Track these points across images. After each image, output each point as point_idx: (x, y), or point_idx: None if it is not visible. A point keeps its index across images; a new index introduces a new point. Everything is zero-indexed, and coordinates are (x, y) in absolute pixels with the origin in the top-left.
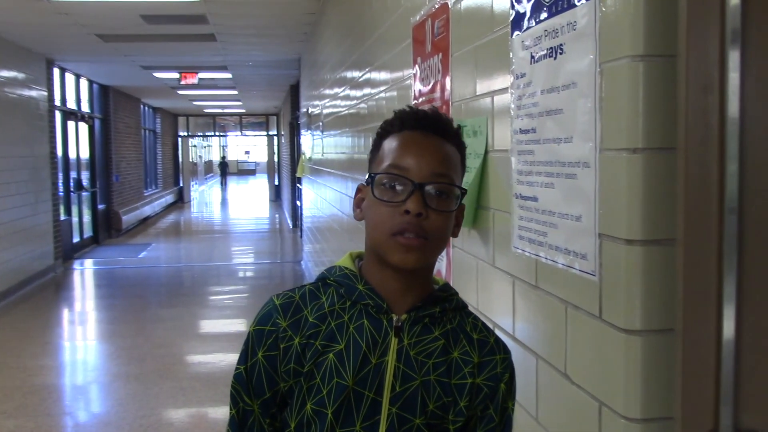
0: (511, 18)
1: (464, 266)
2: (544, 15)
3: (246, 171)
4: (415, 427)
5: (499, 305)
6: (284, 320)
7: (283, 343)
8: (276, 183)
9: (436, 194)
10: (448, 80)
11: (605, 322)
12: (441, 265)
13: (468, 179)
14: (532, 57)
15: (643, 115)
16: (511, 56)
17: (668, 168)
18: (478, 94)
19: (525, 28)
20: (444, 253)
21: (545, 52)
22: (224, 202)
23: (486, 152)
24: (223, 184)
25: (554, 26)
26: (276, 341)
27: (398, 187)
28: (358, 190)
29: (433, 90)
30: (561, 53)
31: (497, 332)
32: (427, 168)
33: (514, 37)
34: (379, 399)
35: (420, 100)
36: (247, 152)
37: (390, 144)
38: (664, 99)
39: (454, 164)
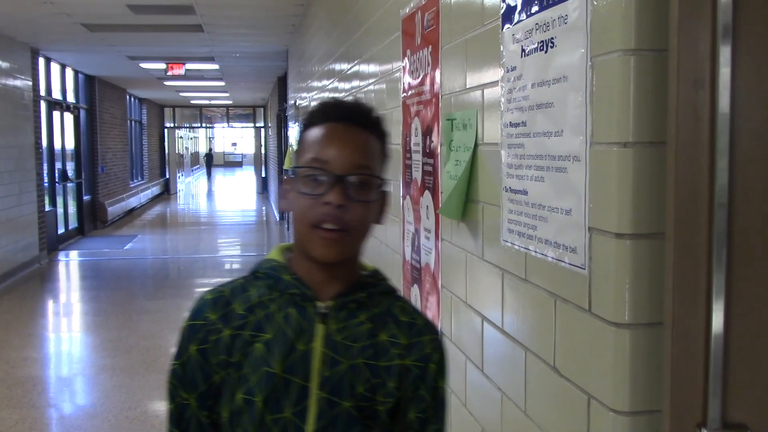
0: (502, 11)
1: (453, 259)
2: (535, 8)
3: (233, 163)
4: (345, 410)
5: (488, 298)
6: (213, 314)
7: (213, 336)
8: (263, 175)
9: (357, 185)
10: (437, 73)
11: (594, 315)
12: (430, 258)
13: (457, 172)
14: (523, 50)
15: (633, 109)
16: (501, 49)
17: (658, 162)
18: (468, 87)
19: (516, 21)
20: (432, 246)
21: (536, 45)
22: (210, 194)
23: (476, 145)
24: (209, 176)
25: (545, 19)
26: (206, 335)
27: (320, 180)
28: (285, 182)
29: (422, 83)
30: (552, 47)
31: (485, 325)
32: (348, 160)
33: (504, 30)
34: (308, 385)
35: (409, 92)
36: (233, 144)
37: (313, 136)
38: (654, 93)
39: (375, 154)
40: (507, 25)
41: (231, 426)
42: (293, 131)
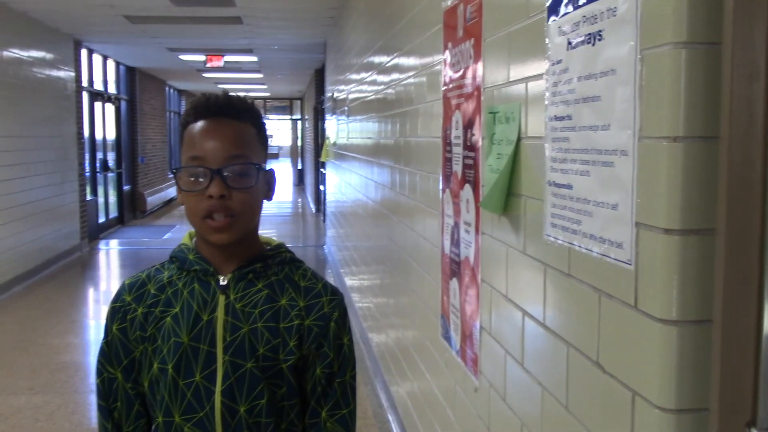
0: (548, 3)
1: (493, 253)
2: (582, 0)
3: (269, 155)
4: (248, 371)
5: (530, 293)
6: (129, 296)
7: (129, 315)
8: (299, 167)
9: (236, 174)
10: (480, 66)
11: (640, 311)
12: (469, 252)
13: (499, 166)
14: (569, 43)
15: (684, 103)
16: (546, 42)
17: (709, 157)
18: (511, 80)
19: (562, 13)
20: (472, 240)
21: (583, 38)
22: None
23: (518, 139)
24: None
25: (593, 12)
26: (124, 315)
27: (200, 176)
28: (175, 179)
29: (464, 76)
30: (600, 39)
31: (526, 320)
32: (222, 152)
33: (550, 22)
34: (213, 350)
35: (450, 85)
36: (270, 136)
37: (188, 135)
38: (706, 87)
39: (249, 142)
40: (553, 18)
41: (152, 394)
42: (330, 124)
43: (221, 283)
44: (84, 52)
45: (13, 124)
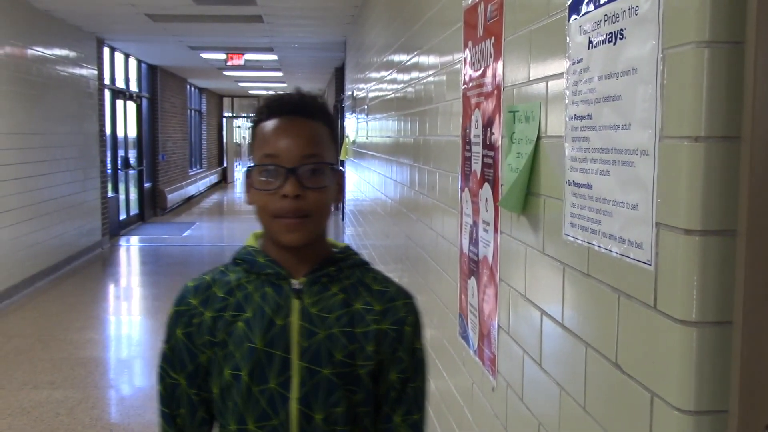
0: (569, 2)
1: (512, 252)
2: None
3: None
4: (325, 377)
5: (548, 293)
6: (195, 299)
7: (196, 319)
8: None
9: (309, 174)
10: (500, 65)
11: (660, 312)
12: (488, 251)
13: (519, 165)
14: (590, 42)
15: (706, 102)
16: (567, 41)
17: (731, 157)
18: (531, 79)
19: (583, 12)
20: (491, 239)
21: (604, 37)
22: None
23: (538, 138)
24: None
25: (615, 11)
26: (190, 318)
27: (274, 174)
28: (245, 178)
29: (483, 74)
30: (621, 38)
31: (544, 320)
32: (297, 151)
33: (571, 21)
34: (288, 356)
35: (470, 84)
36: None
37: (261, 133)
38: (728, 87)
39: (323, 141)
40: (574, 16)
41: (222, 400)
42: (349, 122)
43: (295, 287)
44: (106, 51)
45: (37, 122)
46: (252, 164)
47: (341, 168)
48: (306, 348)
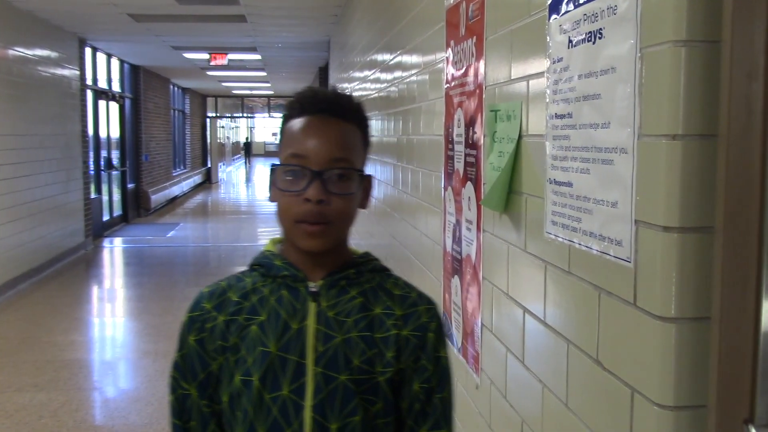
0: (549, 2)
1: (495, 251)
2: None
3: (273, 153)
4: (341, 383)
5: (530, 290)
6: (209, 304)
7: (209, 324)
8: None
9: (336, 179)
10: (481, 64)
11: (639, 308)
12: (471, 250)
13: (501, 164)
14: (570, 41)
15: (683, 101)
16: (548, 40)
17: (708, 155)
18: (512, 78)
19: (563, 12)
20: (474, 238)
21: (584, 36)
22: (251, 183)
23: (519, 137)
24: (248, 165)
25: (594, 10)
26: (203, 324)
27: (299, 176)
28: (271, 175)
29: (466, 74)
30: (600, 38)
31: (527, 317)
32: (325, 154)
33: (551, 20)
34: (303, 361)
35: (453, 83)
36: (274, 134)
37: (291, 130)
38: (705, 85)
39: (353, 145)
40: (554, 16)
41: (231, 409)
42: None
43: (312, 289)
44: (88, 51)
45: (18, 123)
46: (274, 166)
47: (369, 174)
48: (322, 353)
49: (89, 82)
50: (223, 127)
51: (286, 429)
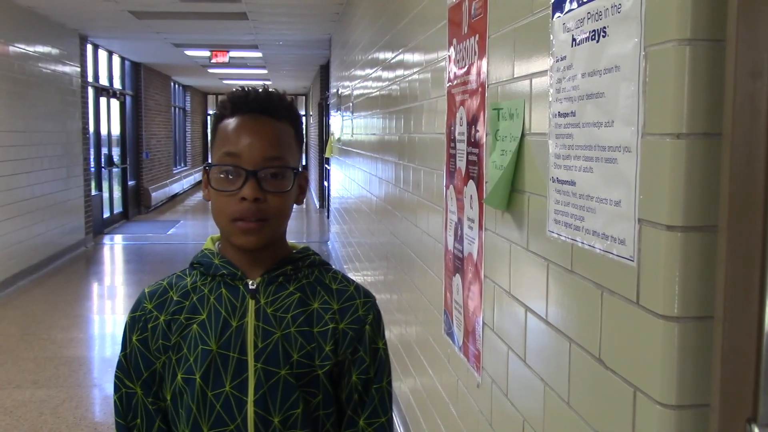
0: (552, 0)
1: (497, 249)
2: None
3: None
4: (282, 378)
5: (532, 289)
6: (150, 303)
7: (150, 323)
8: (303, 163)
9: (271, 177)
10: (484, 62)
11: (642, 307)
12: (473, 248)
13: (503, 162)
14: (574, 40)
15: (688, 100)
16: (551, 39)
17: (712, 154)
18: (515, 76)
19: (567, 10)
20: (476, 236)
21: (587, 34)
22: None
23: (522, 135)
24: None
25: (598, 9)
26: (145, 324)
27: (233, 175)
28: (203, 174)
29: (468, 72)
30: (604, 36)
31: (529, 316)
32: (259, 153)
33: (554, 19)
34: (244, 358)
35: (455, 82)
36: None
37: (223, 129)
38: (710, 84)
39: (287, 143)
40: (557, 14)
41: (174, 407)
42: (335, 120)
43: (250, 287)
44: (89, 48)
45: (19, 119)
46: (207, 166)
47: (303, 170)
48: (262, 348)
49: (90, 79)
50: None
51: (230, 424)
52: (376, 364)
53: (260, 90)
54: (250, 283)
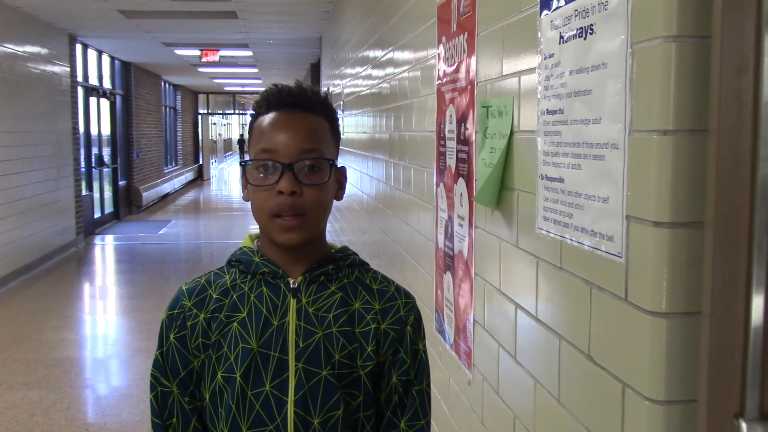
0: None
1: (487, 247)
2: None
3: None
4: (323, 378)
5: (522, 286)
6: (189, 301)
7: (190, 321)
8: None
9: (308, 170)
10: (473, 60)
11: (631, 303)
12: (463, 246)
13: (492, 160)
14: (561, 37)
15: (674, 96)
16: (539, 36)
17: (699, 150)
18: (504, 74)
19: (554, 7)
20: (466, 234)
21: (575, 32)
22: None
23: (511, 133)
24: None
25: (585, 6)
26: (183, 321)
27: (270, 170)
28: (242, 174)
29: (457, 70)
30: (591, 33)
31: (519, 313)
32: (294, 146)
33: (542, 16)
34: (285, 357)
35: (444, 80)
36: None
37: (258, 127)
38: (696, 81)
39: (322, 136)
40: (545, 12)
41: (214, 406)
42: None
43: (292, 285)
44: (79, 47)
45: (8, 120)
46: (244, 162)
47: (342, 165)
48: (303, 348)
49: (80, 78)
50: (214, 124)
51: (269, 424)
52: (416, 365)
53: (293, 86)
54: (292, 281)
